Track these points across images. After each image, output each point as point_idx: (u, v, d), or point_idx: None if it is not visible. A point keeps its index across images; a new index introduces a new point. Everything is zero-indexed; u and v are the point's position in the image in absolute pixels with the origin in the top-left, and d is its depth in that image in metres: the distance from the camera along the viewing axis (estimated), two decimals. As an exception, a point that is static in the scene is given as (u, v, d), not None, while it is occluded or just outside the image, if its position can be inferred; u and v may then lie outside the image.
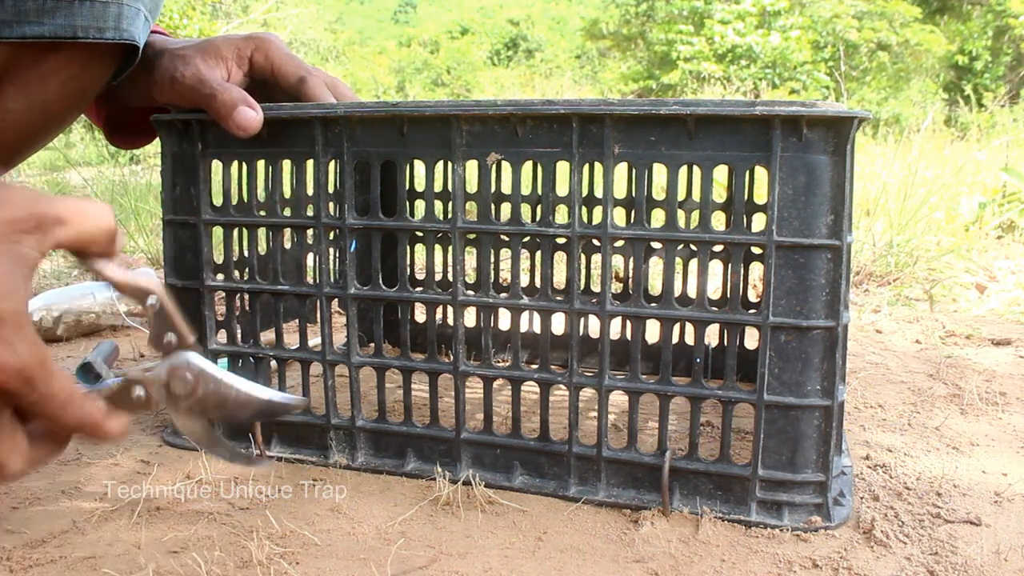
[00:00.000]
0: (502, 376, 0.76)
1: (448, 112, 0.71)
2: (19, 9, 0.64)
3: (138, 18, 0.70)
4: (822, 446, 0.68)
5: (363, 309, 0.82)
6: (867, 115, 0.66)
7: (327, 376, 0.80)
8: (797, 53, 10.98)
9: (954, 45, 11.93)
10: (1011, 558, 0.65)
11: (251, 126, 0.72)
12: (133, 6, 0.69)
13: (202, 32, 5.79)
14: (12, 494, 0.75)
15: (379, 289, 0.78)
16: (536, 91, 8.84)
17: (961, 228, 2.42)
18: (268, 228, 0.80)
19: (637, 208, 0.72)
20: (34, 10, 0.64)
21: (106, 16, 0.67)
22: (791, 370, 0.67)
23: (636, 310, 0.71)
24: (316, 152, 0.76)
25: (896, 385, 1.10)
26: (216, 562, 0.63)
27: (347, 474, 0.80)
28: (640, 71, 12.32)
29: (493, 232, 0.74)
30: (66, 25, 0.65)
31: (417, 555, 0.65)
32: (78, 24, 0.66)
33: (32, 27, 0.65)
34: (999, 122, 4.73)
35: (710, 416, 0.94)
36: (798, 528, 0.69)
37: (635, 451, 0.73)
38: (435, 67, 16.59)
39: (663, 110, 0.66)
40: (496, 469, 0.77)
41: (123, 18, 0.69)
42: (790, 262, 0.66)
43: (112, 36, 0.68)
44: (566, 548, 0.66)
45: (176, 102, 0.77)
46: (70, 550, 0.65)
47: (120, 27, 0.69)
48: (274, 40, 0.79)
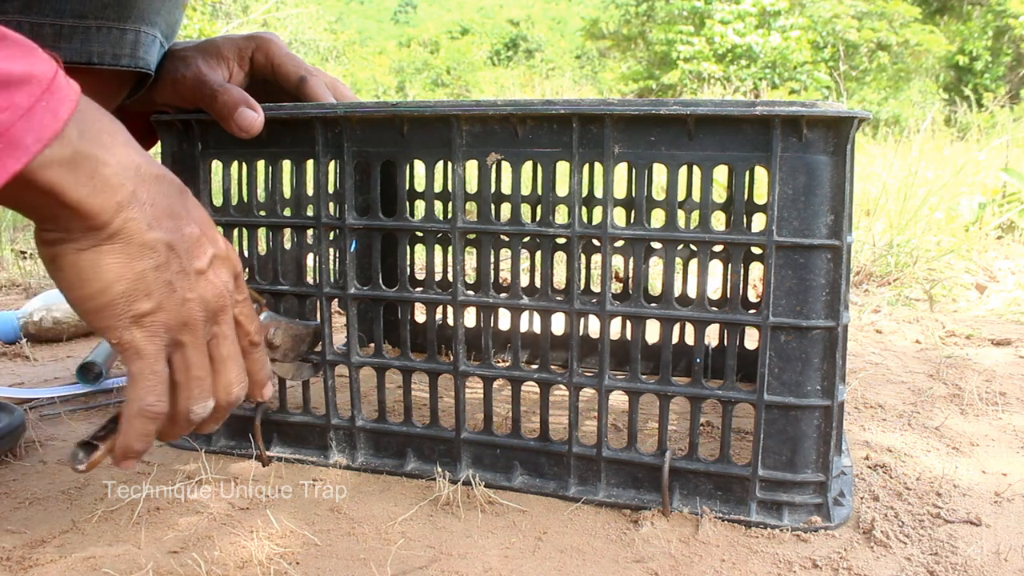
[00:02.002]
0: (502, 376, 0.76)
1: (448, 112, 0.71)
2: (36, 33, 0.64)
3: (154, 45, 0.71)
4: (822, 446, 0.68)
5: (363, 309, 0.82)
6: (867, 115, 0.66)
7: (327, 376, 0.80)
8: (797, 53, 10.99)
9: (954, 45, 11.94)
10: (1011, 558, 0.65)
11: (252, 127, 0.72)
12: (150, 33, 0.70)
13: (202, 32, 5.78)
14: (12, 494, 0.75)
15: (379, 289, 0.78)
16: (536, 91, 8.84)
17: (961, 228, 2.43)
18: (268, 228, 0.80)
19: (637, 208, 0.72)
20: (51, 34, 0.64)
21: (123, 43, 0.68)
22: (791, 370, 0.67)
23: (636, 310, 0.71)
24: (316, 152, 0.76)
25: (896, 385, 1.10)
26: (216, 562, 0.63)
27: (347, 474, 0.80)
28: (640, 71, 12.33)
29: (493, 232, 0.74)
30: (82, 51, 0.66)
31: (417, 555, 0.65)
32: (94, 50, 0.66)
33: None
34: (999, 122, 4.73)
35: (710, 416, 0.94)
36: (798, 528, 0.69)
37: (635, 451, 0.73)
38: (435, 67, 16.60)
39: (663, 110, 0.66)
40: (496, 469, 0.77)
41: (140, 46, 0.69)
42: (790, 262, 0.66)
43: (128, 64, 0.69)
44: (566, 548, 0.66)
45: (177, 103, 0.77)
46: (70, 550, 0.65)
47: (136, 55, 0.69)
48: (275, 40, 0.79)
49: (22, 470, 0.80)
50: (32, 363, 1.18)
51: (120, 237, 0.49)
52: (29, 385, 1.07)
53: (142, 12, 0.68)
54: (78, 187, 0.46)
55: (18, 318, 1.28)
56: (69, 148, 0.45)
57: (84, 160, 0.46)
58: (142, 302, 0.50)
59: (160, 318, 0.51)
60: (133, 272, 0.49)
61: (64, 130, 0.44)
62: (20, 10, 0.63)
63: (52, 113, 0.43)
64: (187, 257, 0.53)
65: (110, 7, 0.66)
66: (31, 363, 1.18)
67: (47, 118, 0.43)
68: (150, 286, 0.50)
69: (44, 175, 0.44)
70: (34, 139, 0.42)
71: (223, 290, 0.56)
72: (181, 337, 0.53)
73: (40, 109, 0.43)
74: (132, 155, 0.50)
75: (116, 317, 0.50)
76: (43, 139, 0.43)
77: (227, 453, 0.84)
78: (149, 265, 0.50)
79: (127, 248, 0.49)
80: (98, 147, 0.47)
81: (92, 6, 0.65)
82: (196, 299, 0.53)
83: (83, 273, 0.48)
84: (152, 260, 0.50)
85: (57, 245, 0.48)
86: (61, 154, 0.44)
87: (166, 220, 0.51)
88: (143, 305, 0.50)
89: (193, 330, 0.54)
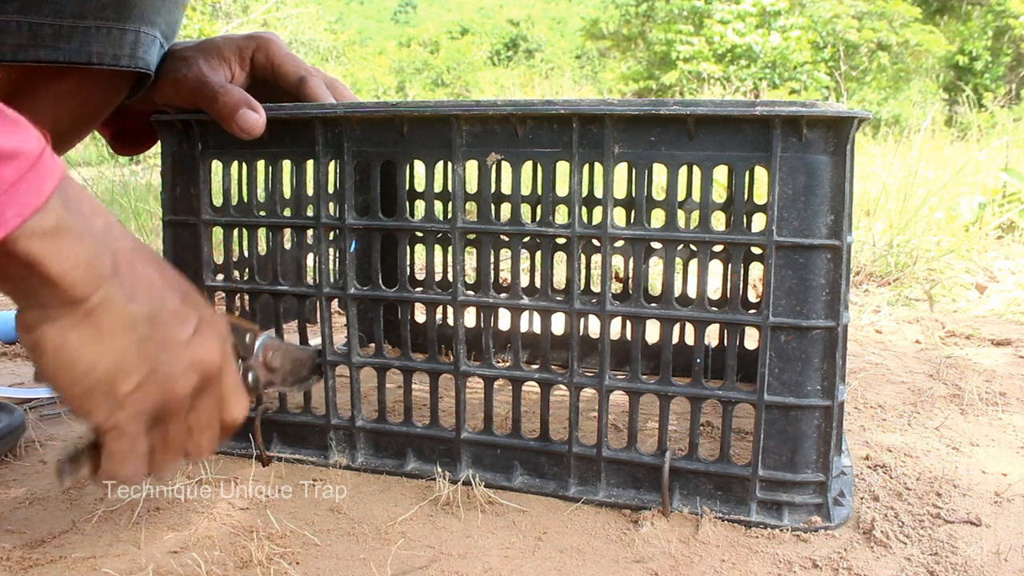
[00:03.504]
0: (502, 376, 0.76)
1: (448, 112, 0.71)
2: (35, 33, 0.64)
3: (154, 45, 0.71)
4: (822, 446, 0.68)
5: (363, 309, 0.82)
6: (867, 115, 0.66)
7: (327, 376, 0.80)
8: (797, 53, 10.98)
9: (954, 45, 11.94)
10: (1011, 558, 0.65)
11: (254, 128, 0.72)
12: (150, 33, 0.69)
13: (202, 32, 5.78)
14: (12, 494, 0.75)
15: (379, 289, 0.78)
16: (536, 91, 8.84)
17: (961, 228, 2.42)
18: (268, 228, 0.80)
19: (637, 208, 0.72)
20: (50, 35, 0.64)
21: (123, 43, 0.68)
22: (791, 370, 0.67)
23: (636, 310, 0.71)
24: (316, 152, 0.76)
25: (896, 385, 1.10)
26: (216, 562, 0.63)
27: (347, 474, 0.80)
28: (640, 71, 12.33)
29: (493, 232, 0.74)
30: (81, 51, 0.66)
31: (417, 555, 0.65)
32: (93, 50, 0.66)
33: (47, 51, 0.65)
34: (999, 122, 4.72)
35: (710, 416, 0.94)
36: (798, 528, 0.69)
37: (635, 451, 0.73)
38: (435, 67, 16.59)
39: (663, 110, 0.66)
40: (496, 469, 0.77)
41: (139, 46, 0.69)
42: (790, 262, 0.66)
43: (127, 64, 0.68)
44: (566, 548, 0.66)
45: (178, 103, 0.77)
46: (70, 550, 0.65)
47: (136, 55, 0.69)
48: (275, 40, 0.79)
49: (22, 470, 0.80)
50: (32, 363, 1.18)
51: (100, 312, 0.48)
52: (29, 385, 1.07)
53: (142, 12, 0.68)
54: (59, 260, 0.45)
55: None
56: (52, 220, 0.45)
57: (65, 232, 0.45)
58: (124, 382, 0.49)
59: (143, 396, 0.50)
60: (115, 349, 0.49)
61: (47, 203, 0.44)
62: (19, 10, 0.63)
63: (36, 187, 0.43)
64: (170, 328, 0.52)
65: (110, 7, 0.66)
66: (31, 363, 1.18)
67: (31, 192, 0.43)
68: (132, 363, 0.49)
69: (25, 246, 0.44)
70: (15, 213, 0.43)
71: (211, 357, 0.54)
72: (163, 413, 0.53)
73: (25, 183, 0.43)
74: (112, 229, 0.50)
75: (99, 400, 0.49)
76: (24, 213, 0.43)
77: (227, 453, 0.84)
78: (131, 341, 0.49)
79: (108, 324, 0.48)
80: (79, 220, 0.47)
81: (92, 6, 0.65)
82: (181, 371, 0.52)
83: (65, 355, 0.48)
84: (134, 335, 0.49)
85: (38, 328, 0.48)
86: (43, 226, 0.44)
87: (146, 291, 0.51)
88: (125, 385, 0.49)
89: (176, 407, 0.53)
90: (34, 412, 0.96)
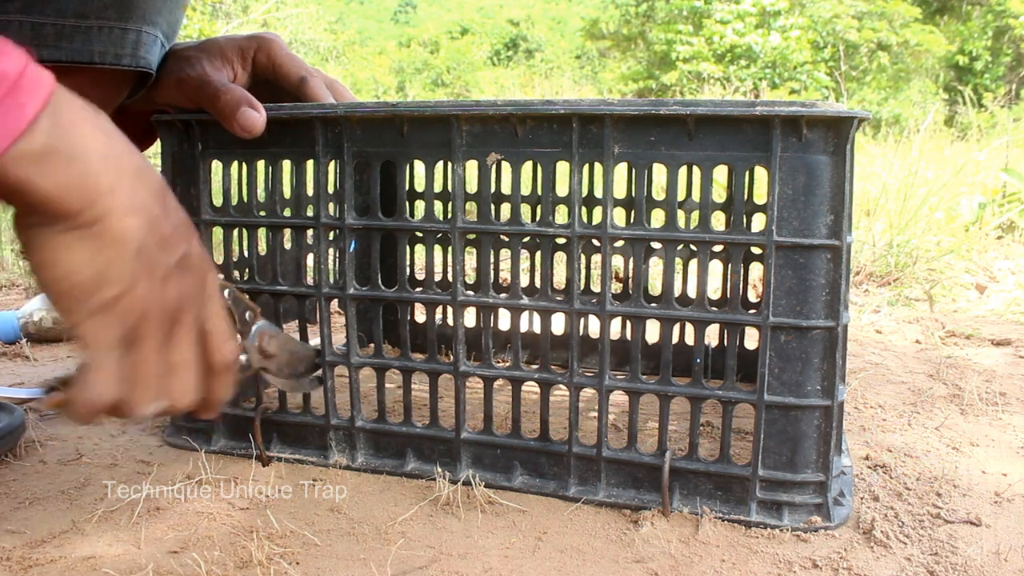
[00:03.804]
0: (502, 376, 0.76)
1: (448, 112, 0.71)
2: (37, 32, 0.64)
3: (155, 45, 0.71)
4: (822, 446, 0.68)
5: (362, 309, 0.82)
6: (867, 115, 0.66)
7: (327, 376, 0.80)
8: (797, 53, 10.99)
9: (954, 45, 11.94)
10: (1011, 558, 0.65)
11: (255, 127, 0.72)
12: (151, 33, 0.69)
13: (202, 32, 5.78)
14: (12, 494, 0.75)
15: (378, 289, 0.78)
16: (536, 91, 8.83)
17: (961, 228, 2.43)
18: (268, 228, 0.80)
19: (637, 208, 0.72)
20: (52, 34, 0.64)
21: (124, 43, 0.68)
22: (791, 370, 0.67)
23: (636, 310, 0.71)
24: (316, 152, 0.76)
25: (896, 385, 1.10)
26: (216, 562, 0.63)
27: (347, 474, 0.80)
28: (640, 71, 12.33)
29: (493, 232, 0.74)
30: (83, 50, 0.66)
31: (417, 555, 0.65)
32: (95, 50, 0.66)
33: (49, 51, 0.65)
34: (999, 122, 4.72)
35: (710, 416, 0.94)
36: (798, 528, 0.69)
37: (635, 451, 0.73)
38: (435, 67, 16.58)
39: (663, 110, 0.66)
40: (496, 469, 0.77)
41: (141, 45, 0.69)
42: (790, 262, 0.66)
43: (129, 63, 0.69)
44: (566, 548, 0.66)
45: (180, 103, 0.77)
46: (70, 550, 0.65)
47: (137, 54, 0.69)
48: (276, 40, 0.79)
49: (22, 470, 0.80)
50: (32, 363, 1.18)
51: (95, 225, 0.48)
52: (29, 385, 1.06)
53: (143, 12, 0.69)
54: (47, 181, 0.45)
55: (18, 318, 1.28)
56: (39, 142, 0.44)
57: (55, 154, 0.45)
58: (106, 289, 0.49)
59: (121, 306, 0.50)
60: (102, 258, 0.49)
61: (33, 125, 0.43)
62: (21, 10, 0.63)
63: (18, 109, 0.43)
64: (158, 251, 0.52)
65: (111, 7, 0.66)
66: (31, 363, 1.18)
67: (13, 116, 0.42)
68: (117, 274, 0.49)
69: (12, 171, 0.43)
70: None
71: (186, 292, 0.54)
72: (138, 330, 0.52)
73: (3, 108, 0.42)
74: (113, 146, 0.49)
75: (78, 302, 0.49)
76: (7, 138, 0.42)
77: (227, 453, 0.84)
78: (119, 254, 0.49)
79: (100, 235, 0.48)
80: (74, 140, 0.46)
81: (93, 6, 0.66)
82: (160, 294, 0.52)
83: (52, 255, 0.48)
84: (123, 249, 0.49)
85: (32, 228, 0.48)
86: (30, 149, 0.44)
87: (143, 212, 0.50)
88: (107, 292, 0.49)
89: (151, 324, 0.52)
90: (34, 412, 0.96)
